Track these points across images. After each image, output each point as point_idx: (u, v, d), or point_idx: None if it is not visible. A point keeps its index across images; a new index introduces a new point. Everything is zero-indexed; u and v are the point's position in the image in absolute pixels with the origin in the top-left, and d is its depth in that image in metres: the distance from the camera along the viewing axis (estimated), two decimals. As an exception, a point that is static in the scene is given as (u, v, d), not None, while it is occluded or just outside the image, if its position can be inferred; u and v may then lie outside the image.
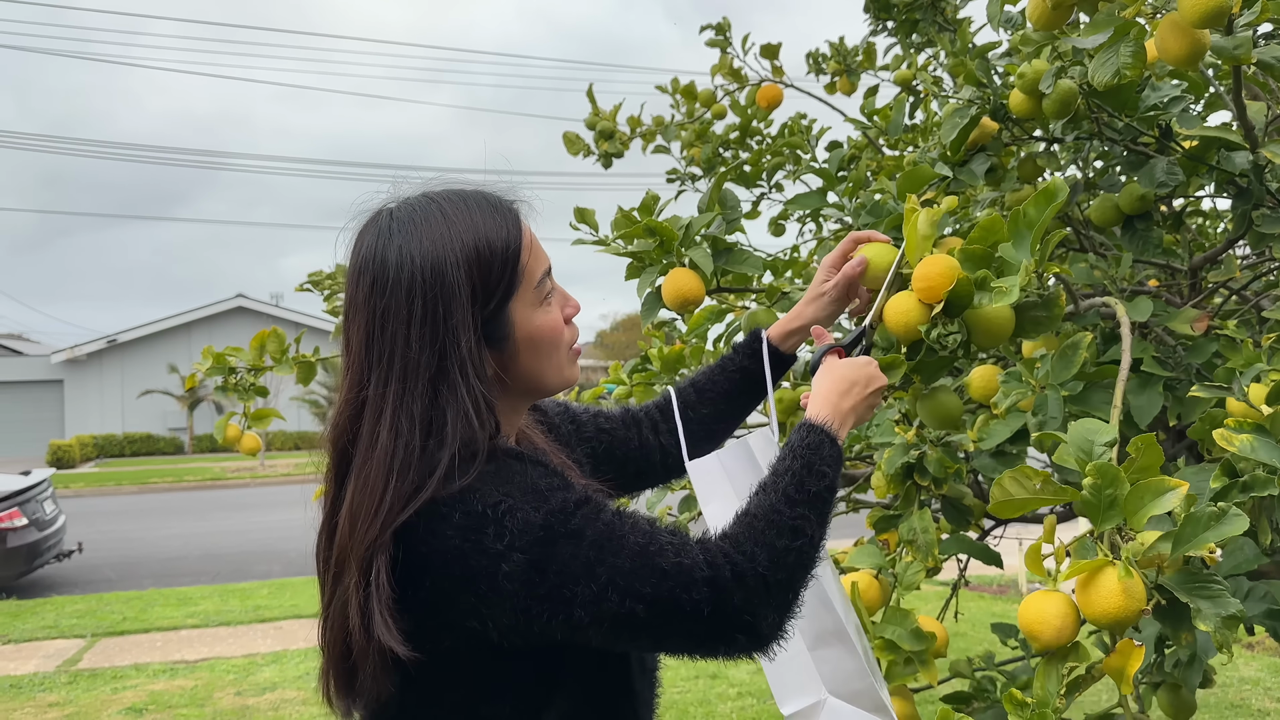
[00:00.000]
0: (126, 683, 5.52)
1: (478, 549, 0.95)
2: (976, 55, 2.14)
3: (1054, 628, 1.08)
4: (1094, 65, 1.45)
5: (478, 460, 1.01)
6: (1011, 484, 1.08)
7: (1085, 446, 1.10)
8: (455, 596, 0.97)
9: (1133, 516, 1.03)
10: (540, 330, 1.09)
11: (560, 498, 0.99)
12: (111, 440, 24.79)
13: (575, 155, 3.16)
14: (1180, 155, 1.81)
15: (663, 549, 0.97)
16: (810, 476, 1.08)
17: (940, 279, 1.20)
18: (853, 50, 3.17)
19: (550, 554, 0.95)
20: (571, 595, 0.95)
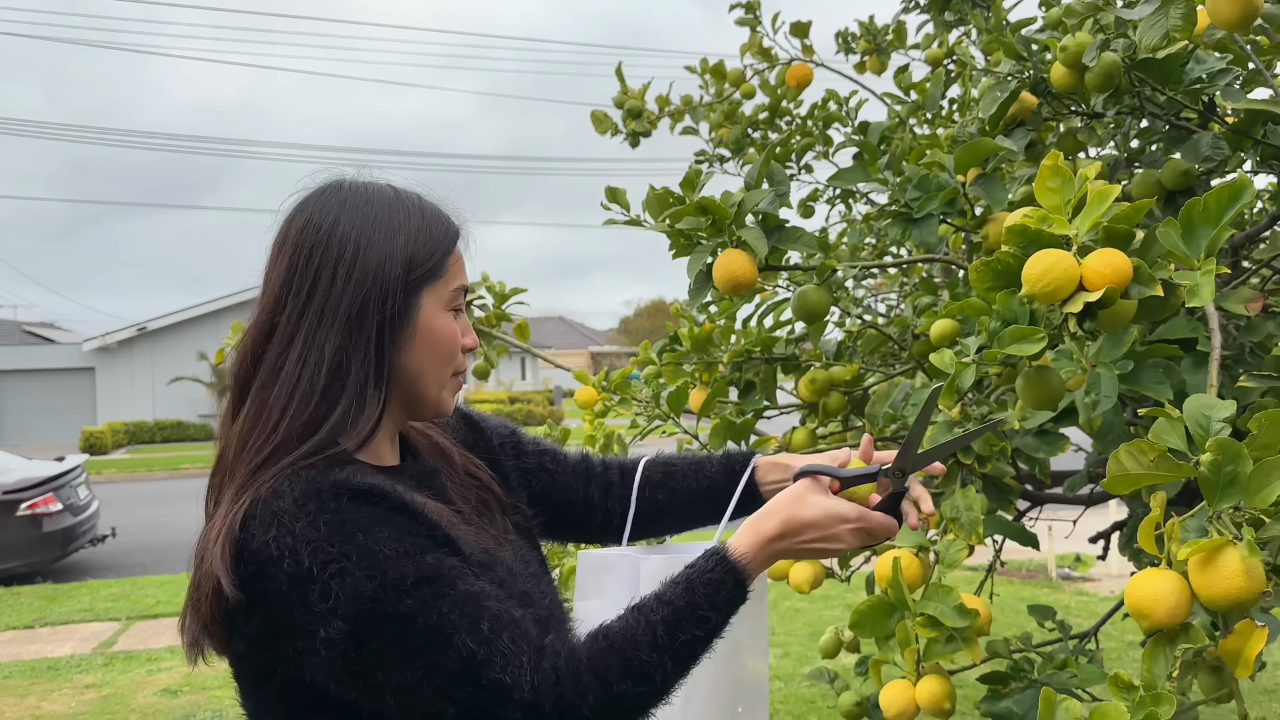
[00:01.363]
0: (161, 665, 5.59)
1: (302, 603, 0.92)
2: (1015, 29, 2.10)
3: (1168, 606, 1.03)
4: (1142, 28, 1.42)
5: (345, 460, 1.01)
6: (1127, 458, 1.02)
7: (1202, 422, 1.04)
8: (279, 640, 0.95)
9: (1255, 495, 0.98)
10: (440, 330, 1.09)
11: (400, 571, 0.93)
12: (143, 427, 25.07)
13: (603, 134, 3.14)
14: (1224, 130, 1.78)
15: (490, 658, 0.92)
16: (690, 621, 0.99)
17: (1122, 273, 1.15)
18: (883, 29, 3.13)
19: (373, 631, 0.92)
20: (384, 680, 0.93)
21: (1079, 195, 1.21)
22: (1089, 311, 1.20)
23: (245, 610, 0.94)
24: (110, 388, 26.34)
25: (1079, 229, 1.19)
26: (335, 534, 0.93)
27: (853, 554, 2.13)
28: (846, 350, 2.26)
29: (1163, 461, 1.01)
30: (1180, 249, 1.19)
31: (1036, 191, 1.23)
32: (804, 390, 2.20)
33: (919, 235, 1.76)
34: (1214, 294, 1.17)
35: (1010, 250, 1.24)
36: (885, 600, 1.36)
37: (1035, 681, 1.62)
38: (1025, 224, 1.22)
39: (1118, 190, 1.20)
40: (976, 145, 1.64)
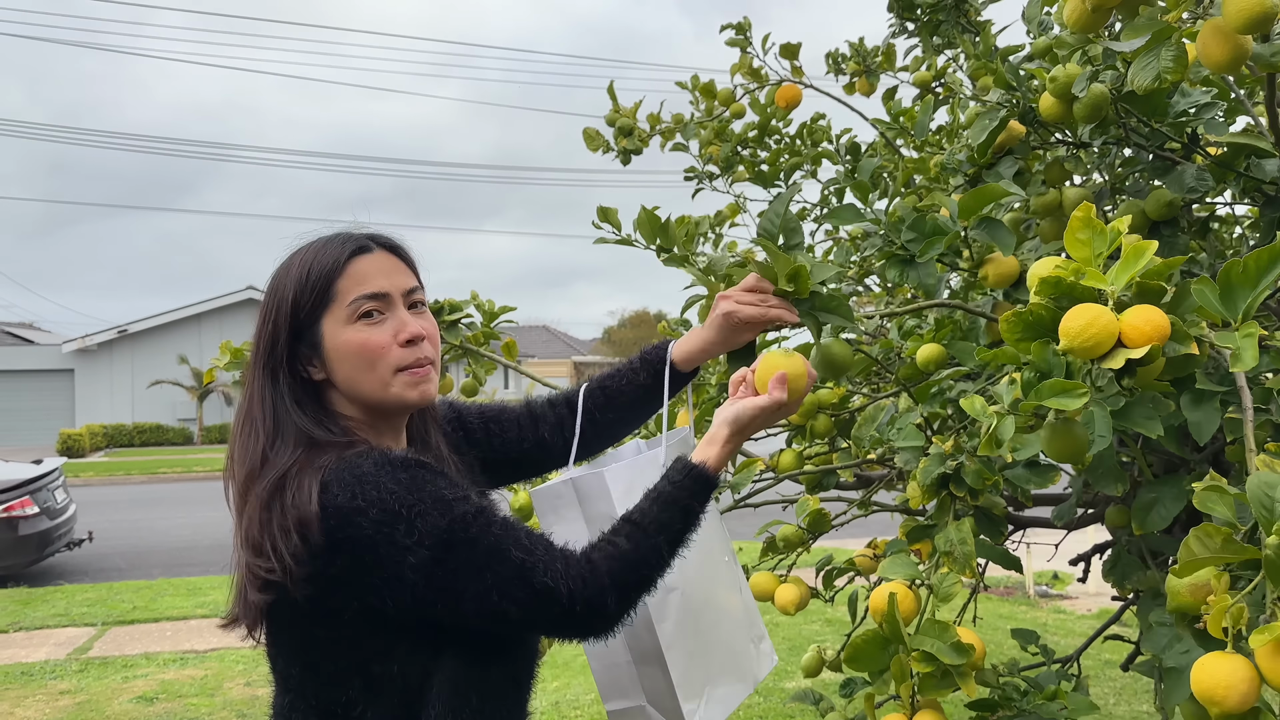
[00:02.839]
0: (137, 671, 5.54)
1: (389, 541, 1.15)
2: (1001, 57, 2.12)
3: (1240, 694, 1.01)
4: (1134, 69, 1.43)
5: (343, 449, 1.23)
6: (1196, 544, 1.02)
7: (1266, 502, 1.03)
8: (363, 576, 1.17)
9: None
10: (347, 344, 1.27)
11: (461, 509, 1.19)
12: (121, 430, 24.87)
13: (595, 151, 3.15)
14: (1209, 162, 1.80)
15: (535, 565, 1.19)
16: (676, 521, 1.29)
17: (1161, 331, 1.15)
18: (872, 51, 3.16)
19: (449, 555, 1.17)
20: (462, 590, 1.17)
21: (1111, 248, 1.21)
22: (1128, 369, 1.19)
23: (328, 555, 1.16)
24: (89, 390, 26.11)
25: (1115, 283, 1.18)
26: (411, 487, 1.17)
27: (836, 574, 2.14)
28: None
29: (1229, 545, 1.01)
30: (1218, 309, 1.18)
31: (1067, 243, 1.21)
32: (791, 411, 2.21)
33: (918, 278, 1.74)
34: (1257, 358, 1.15)
35: (1043, 303, 1.24)
36: (880, 635, 1.36)
37: (1024, 712, 1.63)
38: (1059, 276, 1.22)
39: (1155, 246, 1.18)
40: (983, 192, 1.61)
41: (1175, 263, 1.20)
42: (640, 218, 2.05)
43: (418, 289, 1.34)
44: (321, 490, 1.17)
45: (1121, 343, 1.16)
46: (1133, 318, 1.16)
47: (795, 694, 2.07)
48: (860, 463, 2.12)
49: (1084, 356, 1.17)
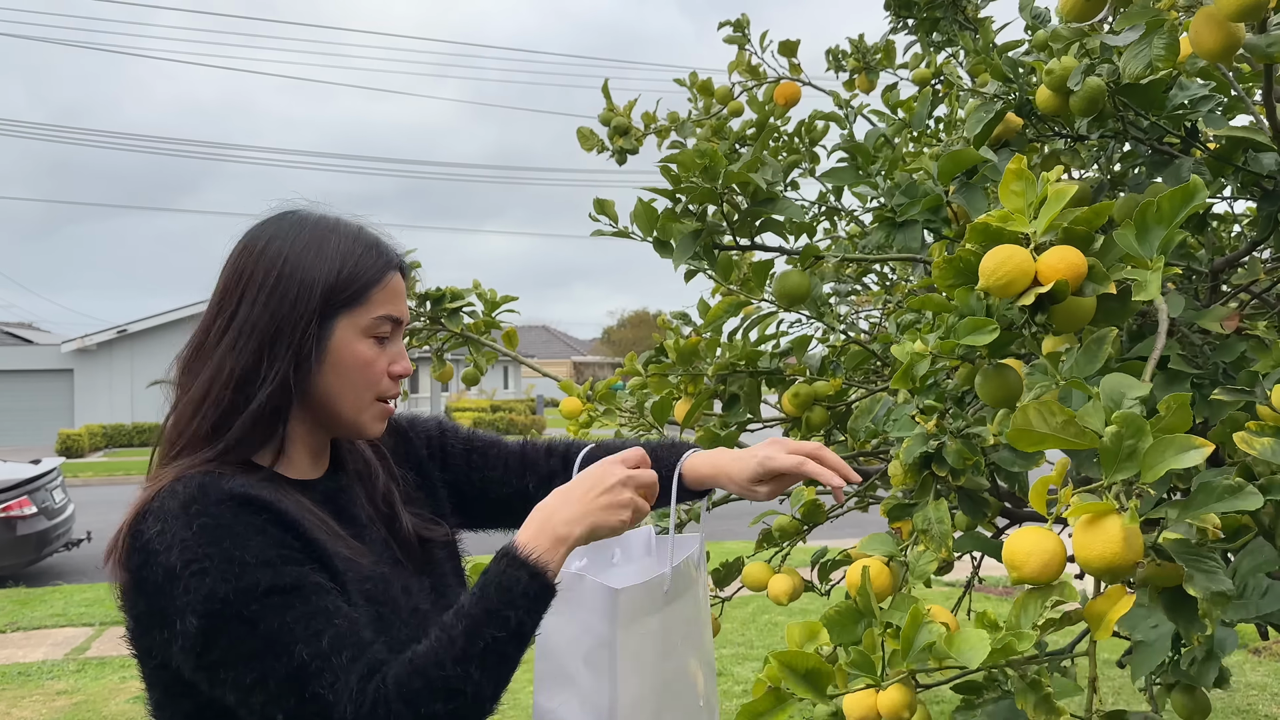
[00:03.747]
0: (134, 671, 5.47)
1: (169, 595, 1.00)
2: (1001, 51, 2.13)
3: (1040, 560, 1.06)
4: (1125, 57, 1.44)
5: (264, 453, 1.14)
6: (1034, 416, 1.05)
7: (1116, 397, 1.08)
8: (152, 625, 1.04)
9: (1149, 470, 1.00)
10: (354, 355, 1.15)
11: (255, 578, 1.00)
12: (120, 430, 24.86)
13: (589, 151, 3.15)
14: (1206, 155, 1.80)
15: (320, 673, 0.98)
16: (489, 624, 1.02)
17: (1075, 268, 1.19)
18: (872, 48, 3.16)
19: (220, 630, 0.99)
20: (225, 677, 1.00)
21: (1040, 198, 1.25)
22: (1041, 306, 1.23)
23: (133, 593, 1.05)
24: (88, 390, 26.11)
25: (1037, 227, 1.24)
26: (205, 536, 1.01)
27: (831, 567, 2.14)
28: (830, 365, 2.27)
29: (1068, 425, 1.05)
30: (1134, 249, 1.24)
31: (1001, 194, 1.27)
32: (788, 404, 2.21)
33: (902, 240, 1.79)
34: (1160, 289, 1.20)
35: (972, 248, 1.28)
36: (853, 607, 1.38)
37: (1008, 693, 1.63)
38: (987, 223, 1.27)
39: (1074, 189, 1.24)
40: (959, 155, 1.67)
41: (1104, 209, 1.23)
42: (637, 209, 2.05)
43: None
44: (140, 516, 1.05)
45: (1038, 282, 1.20)
46: (1048, 257, 1.21)
47: (790, 685, 2.06)
48: (856, 455, 2.12)
49: (1000, 295, 1.22)
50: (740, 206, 1.77)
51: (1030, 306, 1.22)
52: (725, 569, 2.24)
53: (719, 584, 2.25)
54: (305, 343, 1.12)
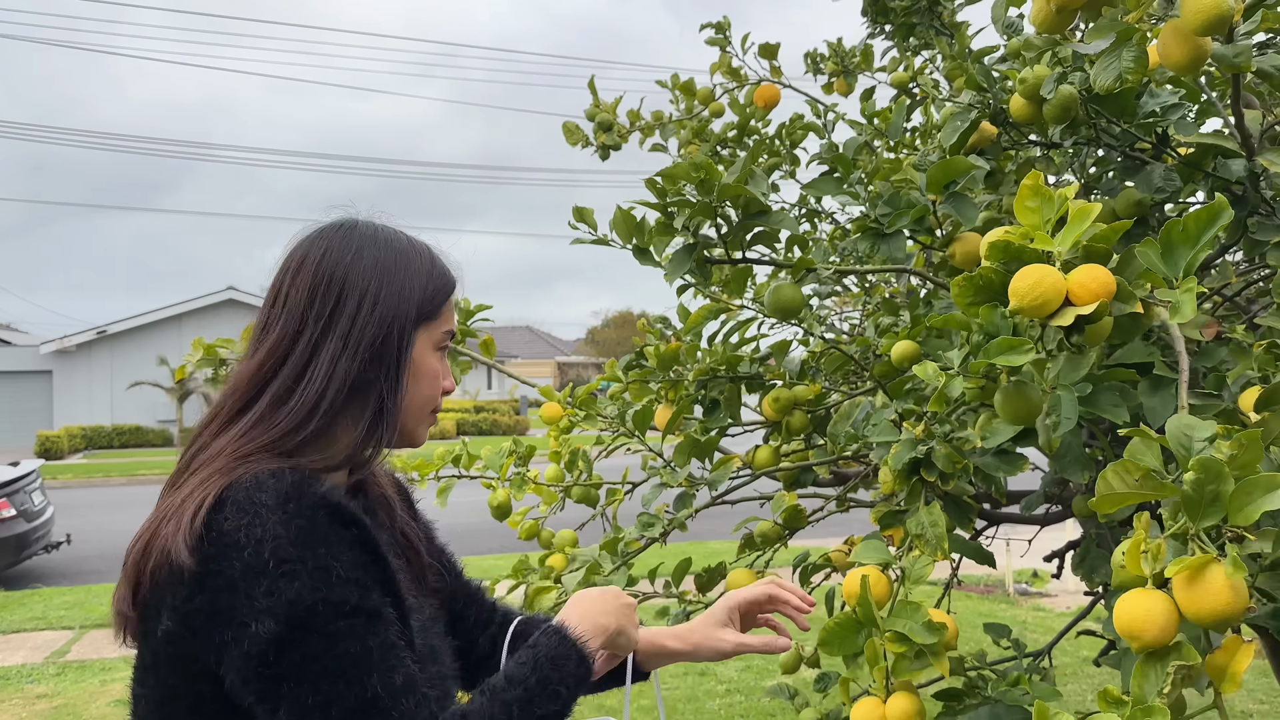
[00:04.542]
0: (115, 675, 5.51)
1: (247, 593, 0.94)
2: (975, 59, 2.15)
3: (1158, 626, 1.04)
4: (1096, 69, 1.46)
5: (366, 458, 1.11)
6: (1114, 479, 1.04)
7: (1184, 441, 1.07)
8: (211, 624, 0.96)
9: (1238, 513, 1.00)
10: (428, 369, 1.17)
11: (344, 594, 0.96)
12: (100, 432, 24.68)
13: (574, 145, 3.16)
14: (1176, 162, 1.83)
15: (389, 710, 0.95)
16: (543, 696, 1.03)
17: (1107, 288, 1.19)
18: (850, 51, 3.18)
19: (298, 640, 0.94)
20: (286, 693, 0.94)
21: (1059, 214, 1.25)
22: (1077, 326, 1.23)
23: (192, 587, 0.96)
24: (67, 391, 25.91)
25: (1061, 245, 1.23)
26: (301, 539, 0.96)
27: (812, 570, 2.15)
28: (809, 370, 2.29)
29: (1148, 481, 1.04)
30: (1159, 268, 1.23)
31: (1016, 210, 1.26)
32: (768, 409, 2.23)
33: (887, 250, 1.80)
34: (1195, 311, 1.20)
35: (993, 266, 1.27)
36: (853, 618, 1.38)
37: (989, 699, 1.65)
38: (1007, 240, 1.26)
39: (1098, 209, 1.23)
40: (949, 164, 1.68)
41: (1122, 227, 1.24)
42: (616, 217, 2.06)
43: None
44: (215, 505, 0.98)
45: (1069, 301, 1.20)
46: (1080, 276, 1.21)
47: (770, 688, 2.08)
48: (836, 459, 2.13)
49: (1033, 315, 1.21)
50: (731, 219, 1.77)
51: (1068, 327, 1.21)
52: (708, 574, 2.26)
53: (702, 589, 2.26)
54: (404, 353, 1.13)
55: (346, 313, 1.10)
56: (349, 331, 1.10)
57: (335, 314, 1.10)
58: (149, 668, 1.05)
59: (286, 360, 1.10)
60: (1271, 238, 1.73)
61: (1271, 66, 1.59)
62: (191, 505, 0.99)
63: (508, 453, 2.41)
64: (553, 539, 2.33)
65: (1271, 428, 1.27)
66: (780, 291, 1.79)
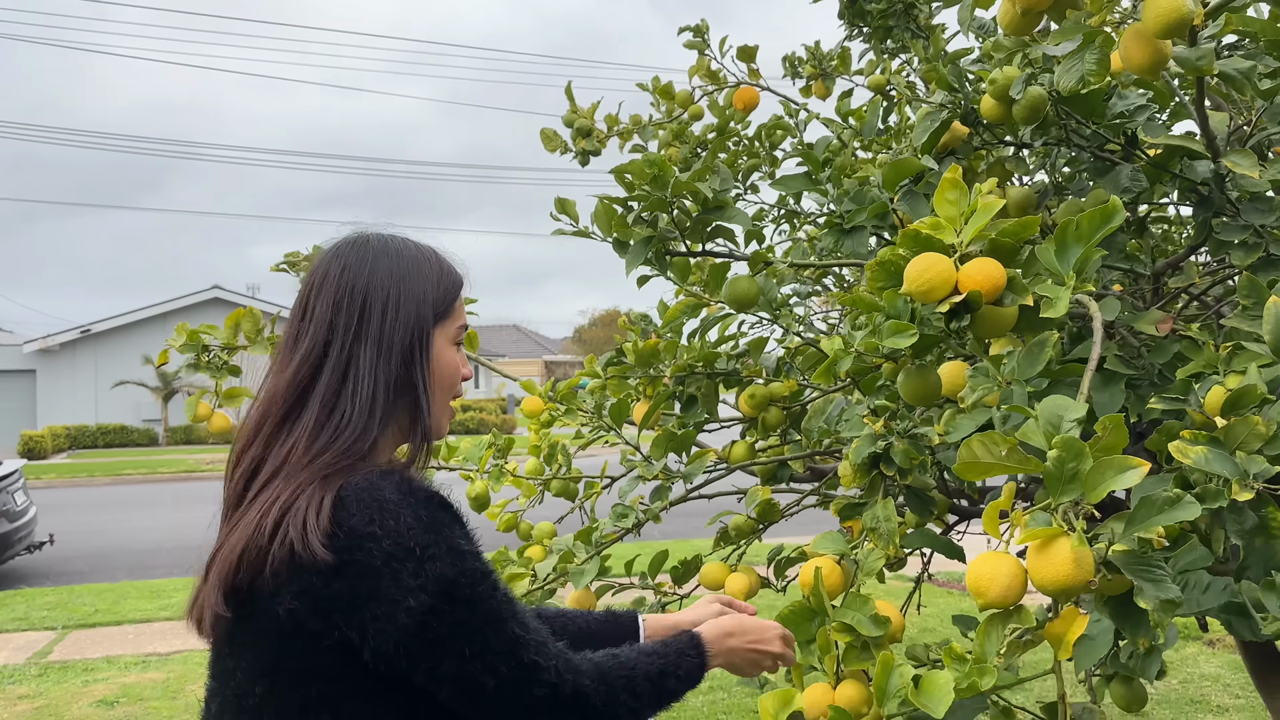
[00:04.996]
0: (98, 675, 5.50)
1: (394, 576, 1.10)
2: (949, 61, 2.18)
3: (1001, 586, 1.10)
4: (1060, 71, 1.50)
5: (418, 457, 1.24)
6: (979, 447, 1.10)
7: (1054, 420, 1.13)
8: (356, 607, 1.11)
9: (1092, 491, 1.05)
10: (447, 363, 1.28)
11: (473, 564, 1.15)
12: (84, 431, 24.55)
13: (553, 151, 3.18)
14: (1144, 163, 1.86)
15: (528, 643, 1.15)
16: (667, 676, 1.26)
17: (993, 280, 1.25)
18: (828, 54, 3.21)
19: (449, 609, 1.11)
20: (446, 650, 1.12)
21: (972, 208, 1.31)
22: (959, 313, 1.30)
23: (328, 575, 1.10)
24: (51, 391, 25.74)
25: (963, 237, 1.30)
26: (429, 527, 1.12)
27: (786, 564, 2.18)
28: (785, 366, 2.32)
29: (1013, 454, 1.10)
30: (1054, 265, 1.30)
31: (936, 202, 1.32)
32: (744, 405, 2.25)
33: (850, 245, 1.85)
34: (1067, 308, 1.27)
35: (903, 253, 1.34)
36: (807, 606, 1.42)
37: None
38: (918, 230, 1.33)
39: (1001, 203, 1.30)
40: (902, 163, 1.73)
41: (1030, 223, 1.29)
42: (598, 210, 2.08)
43: None
44: (336, 505, 1.12)
45: (958, 290, 1.26)
46: (969, 268, 1.28)
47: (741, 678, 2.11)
48: (811, 454, 2.16)
49: (922, 300, 1.28)
50: (691, 214, 1.82)
51: (948, 313, 1.27)
52: (684, 566, 2.28)
53: (678, 582, 2.29)
54: (428, 352, 1.25)
55: (374, 321, 1.23)
56: (380, 338, 1.22)
57: (363, 323, 1.23)
58: (249, 644, 1.17)
59: (322, 368, 1.22)
60: (1235, 238, 1.77)
61: (1234, 69, 1.62)
62: (310, 507, 1.12)
63: (487, 445, 2.43)
64: (531, 531, 2.35)
65: (1237, 433, 1.29)
66: (736, 284, 1.86)
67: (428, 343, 1.25)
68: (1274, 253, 1.72)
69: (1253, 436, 1.24)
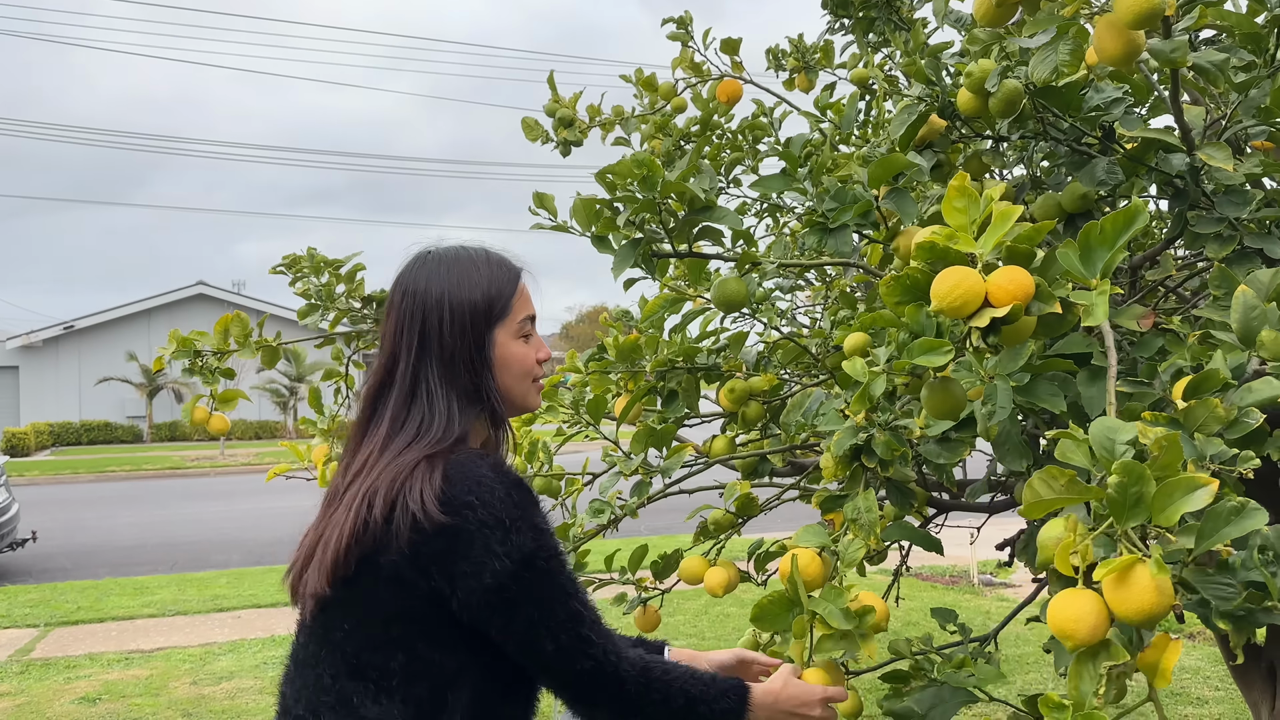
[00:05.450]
0: (80, 672, 5.47)
1: (484, 542, 1.27)
2: (929, 55, 2.18)
3: (1089, 625, 1.07)
4: (1033, 62, 1.49)
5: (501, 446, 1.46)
6: (1040, 485, 1.07)
7: (1106, 445, 1.09)
8: (450, 563, 1.28)
9: (1160, 514, 1.02)
10: (513, 355, 1.43)
11: (549, 541, 1.33)
12: (68, 428, 24.41)
13: (534, 141, 3.17)
14: (1120, 156, 1.86)
15: (586, 619, 1.32)
16: (705, 705, 1.37)
17: (1024, 290, 1.23)
18: (811, 47, 3.21)
19: (525, 576, 1.29)
20: (518, 612, 1.29)
21: (984, 215, 1.28)
22: (993, 326, 1.26)
23: (431, 535, 1.27)
24: (35, 387, 25.59)
25: (984, 247, 1.26)
26: (516, 504, 1.30)
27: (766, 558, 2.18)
28: (765, 361, 2.32)
29: (1073, 486, 1.07)
30: (1078, 269, 1.26)
31: (944, 211, 1.29)
32: (724, 399, 2.25)
33: (834, 245, 1.83)
34: (1108, 313, 1.23)
35: (919, 266, 1.31)
36: (785, 596, 1.42)
37: (935, 680, 1.68)
38: (933, 241, 1.29)
39: (1020, 211, 1.26)
40: (888, 160, 1.71)
41: (1044, 228, 1.26)
42: (576, 205, 2.07)
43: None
44: (443, 479, 1.30)
45: (988, 302, 1.23)
46: (998, 278, 1.24)
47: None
48: (790, 448, 2.16)
49: (953, 316, 1.24)
50: (677, 214, 1.80)
51: (984, 328, 1.24)
52: (664, 561, 2.28)
53: (658, 576, 2.28)
54: (487, 353, 1.41)
55: (433, 340, 1.39)
56: (442, 354, 1.39)
57: (424, 342, 1.39)
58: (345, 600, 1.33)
59: (387, 383, 1.41)
60: (1210, 230, 1.77)
61: (1208, 62, 1.62)
62: (424, 481, 1.29)
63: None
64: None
65: (1197, 415, 1.30)
66: (725, 285, 1.85)
67: (489, 348, 1.40)
68: (1248, 245, 1.73)
69: (1212, 419, 1.24)
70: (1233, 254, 1.72)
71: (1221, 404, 1.25)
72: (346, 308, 2.62)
